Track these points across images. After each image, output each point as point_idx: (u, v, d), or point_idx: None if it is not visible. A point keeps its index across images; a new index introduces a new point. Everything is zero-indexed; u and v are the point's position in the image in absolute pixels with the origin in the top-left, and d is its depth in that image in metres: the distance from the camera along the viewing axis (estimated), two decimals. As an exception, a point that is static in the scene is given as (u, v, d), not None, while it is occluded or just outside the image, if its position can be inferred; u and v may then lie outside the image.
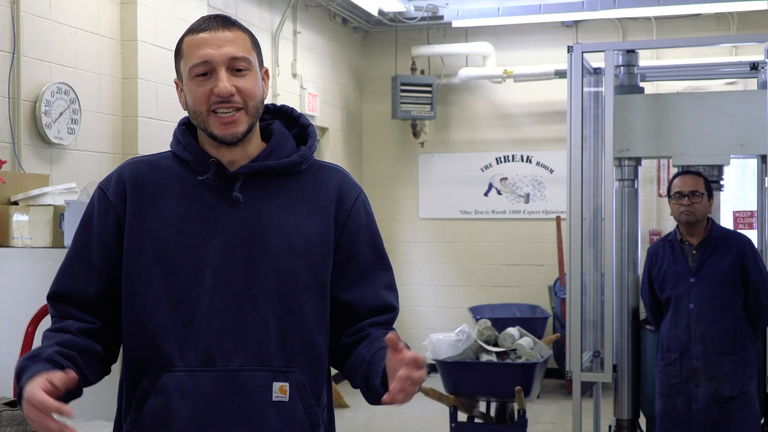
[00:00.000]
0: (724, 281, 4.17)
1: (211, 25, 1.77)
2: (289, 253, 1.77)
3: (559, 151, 7.92)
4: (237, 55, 1.75)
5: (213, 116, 1.76)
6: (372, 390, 1.73)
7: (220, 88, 1.73)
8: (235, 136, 1.76)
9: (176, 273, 1.75)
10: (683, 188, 4.22)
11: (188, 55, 1.77)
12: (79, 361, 1.71)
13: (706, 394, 4.12)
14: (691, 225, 4.25)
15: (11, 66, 4.35)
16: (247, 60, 1.77)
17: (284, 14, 6.92)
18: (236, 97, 1.75)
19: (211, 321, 1.74)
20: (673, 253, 4.29)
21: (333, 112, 8.03)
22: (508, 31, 8.24)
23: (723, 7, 7.26)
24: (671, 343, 4.22)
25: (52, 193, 4.04)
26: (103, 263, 1.80)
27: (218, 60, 1.74)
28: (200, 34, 1.76)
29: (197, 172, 1.80)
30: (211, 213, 1.78)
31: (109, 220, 1.81)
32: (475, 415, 5.08)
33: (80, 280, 1.80)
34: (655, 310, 4.38)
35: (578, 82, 4.41)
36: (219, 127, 1.76)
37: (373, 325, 1.84)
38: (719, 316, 4.15)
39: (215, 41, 1.75)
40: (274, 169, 1.81)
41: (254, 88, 1.77)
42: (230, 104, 1.75)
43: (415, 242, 8.63)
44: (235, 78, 1.75)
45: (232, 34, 1.77)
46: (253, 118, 1.79)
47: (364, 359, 1.75)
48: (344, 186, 1.87)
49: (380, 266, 1.88)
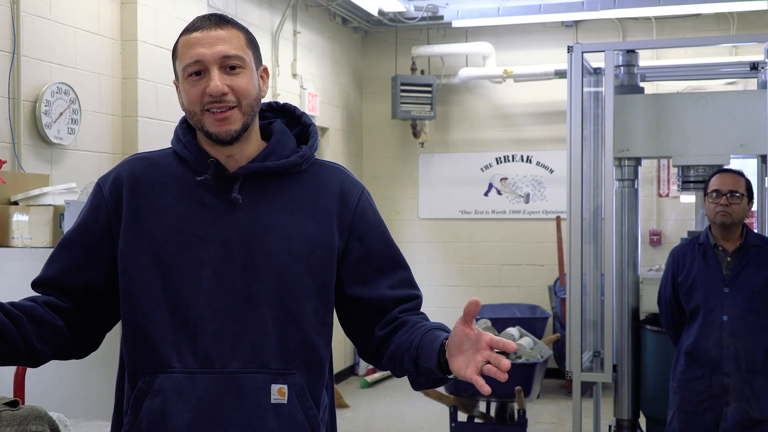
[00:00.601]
0: (761, 293, 3.82)
1: (204, 24, 1.77)
2: (288, 254, 1.76)
3: (559, 151, 7.92)
4: (229, 53, 1.74)
5: (207, 115, 1.75)
6: (424, 373, 1.73)
7: (212, 87, 1.72)
8: (229, 134, 1.75)
9: (174, 273, 1.74)
10: (722, 187, 3.88)
11: (182, 55, 1.76)
12: (23, 323, 1.71)
13: (736, 414, 3.79)
14: (726, 228, 3.88)
15: (11, 66, 4.35)
16: (241, 58, 1.75)
17: (284, 14, 6.92)
18: (229, 95, 1.74)
19: (210, 322, 1.73)
20: (704, 258, 3.93)
21: (333, 112, 8.03)
22: (508, 31, 8.24)
23: (723, 7, 7.26)
24: (699, 356, 3.87)
25: (52, 193, 4.04)
26: (88, 256, 1.80)
27: (210, 59, 1.73)
28: (193, 34, 1.76)
29: (196, 172, 1.80)
30: (210, 214, 1.77)
31: (99, 214, 1.81)
32: (475, 415, 5.08)
33: (62, 269, 1.81)
34: (677, 318, 4.05)
35: (578, 82, 4.41)
36: (213, 124, 1.75)
37: (404, 312, 1.85)
38: (755, 332, 3.80)
39: (207, 40, 1.74)
40: (273, 169, 1.80)
41: (248, 86, 1.76)
42: (223, 103, 1.74)
43: (415, 242, 8.63)
44: (228, 77, 1.74)
45: (225, 32, 1.76)
46: (248, 116, 1.77)
47: (411, 344, 1.74)
48: (346, 185, 1.86)
49: (395, 261, 1.89)
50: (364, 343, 1.88)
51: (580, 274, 4.43)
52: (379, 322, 1.84)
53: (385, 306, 1.84)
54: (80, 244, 1.81)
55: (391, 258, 1.88)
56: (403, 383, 2.19)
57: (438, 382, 1.76)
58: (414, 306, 1.88)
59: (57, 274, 1.82)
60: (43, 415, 2.25)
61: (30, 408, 2.25)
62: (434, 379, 1.73)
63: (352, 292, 1.84)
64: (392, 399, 7.29)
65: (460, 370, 1.61)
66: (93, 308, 1.82)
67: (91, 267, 1.80)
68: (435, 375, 1.70)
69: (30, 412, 2.23)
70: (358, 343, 1.90)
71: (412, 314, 1.85)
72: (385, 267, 1.87)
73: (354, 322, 1.88)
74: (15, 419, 2.20)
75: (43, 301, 1.79)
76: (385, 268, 1.87)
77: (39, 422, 2.22)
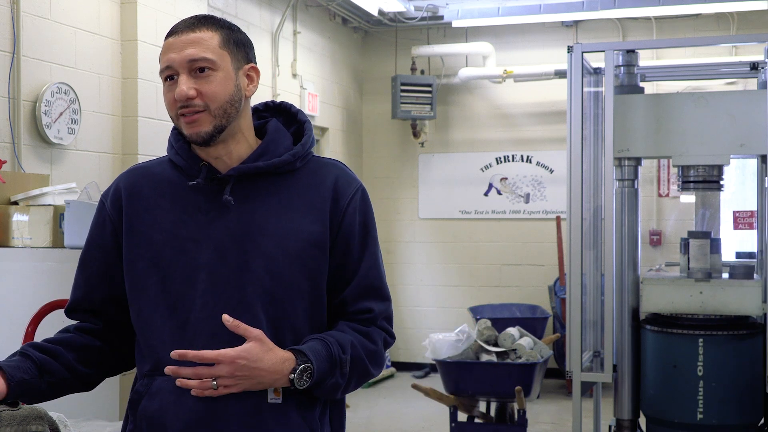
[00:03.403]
0: None
1: (179, 28, 1.77)
2: (282, 254, 1.76)
3: (559, 151, 7.92)
4: (196, 56, 1.73)
5: (181, 118, 1.76)
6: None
7: (177, 92, 1.73)
8: (200, 136, 1.75)
9: (171, 277, 1.77)
10: None
11: (160, 60, 1.79)
12: (61, 353, 1.80)
13: None
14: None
15: (11, 66, 4.35)
16: (209, 60, 1.73)
17: (284, 14, 6.92)
18: (196, 99, 1.73)
19: (206, 324, 1.74)
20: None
21: (333, 112, 8.03)
22: (508, 31, 8.24)
23: (723, 7, 7.26)
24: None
25: (52, 193, 4.04)
26: (104, 270, 1.86)
27: (179, 63, 1.74)
28: (169, 39, 1.77)
29: (189, 177, 1.81)
30: (204, 217, 1.78)
31: (105, 230, 1.86)
32: (475, 415, 5.08)
33: (84, 289, 1.89)
34: None
35: (578, 82, 4.40)
36: (185, 127, 1.76)
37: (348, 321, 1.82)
38: None
39: (179, 44, 1.75)
40: (264, 169, 1.79)
41: (217, 89, 1.74)
42: (190, 107, 1.73)
43: (415, 242, 8.63)
44: (196, 80, 1.73)
45: (198, 34, 1.75)
46: (220, 118, 1.75)
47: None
48: (340, 183, 1.83)
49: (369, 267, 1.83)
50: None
51: (580, 274, 4.42)
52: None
53: (341, 314, 1.83)
54: (94, 262, 1.88)
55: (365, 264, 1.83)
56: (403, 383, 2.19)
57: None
58: (364, 320, 1.83)
59: (82, 295, 1.89)
60: (43, 415, 2.25)
61: (30, 408, 2.25)
62: None
63: (328, 291, 1.83)
64: (392, 399, 7.29)
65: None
66: (124, 320, 1.86)
67: (109, 281, 1.86)
68: None
69: (30, 412, 2.23)
70: None
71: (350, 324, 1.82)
72: (356, 270, 1.82)
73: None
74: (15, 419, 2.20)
75: (75, 328, 1.89)
76: (356, 271, 1.82)
77: (39, 422, 2.21)
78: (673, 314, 4.39)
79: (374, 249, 1.86)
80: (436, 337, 4.98)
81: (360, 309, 1.82)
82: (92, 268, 1.87)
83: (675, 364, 4.31)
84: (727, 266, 4.52)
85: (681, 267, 4.55)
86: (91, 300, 1.87)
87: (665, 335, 4.32)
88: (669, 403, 4.34)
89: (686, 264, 4.47)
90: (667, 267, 5.64)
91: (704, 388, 4.25)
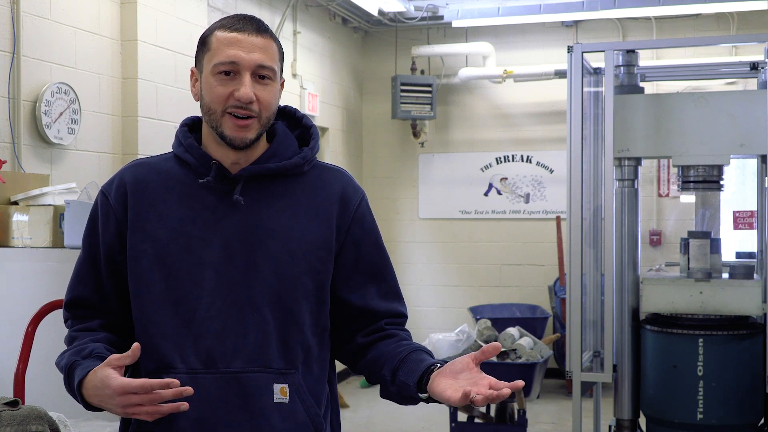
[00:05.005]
0: None
1: (245, 27, 1.77)
2: (289, 256, 1.77)
3: (559, 151, 7.92)
4: (265, 63, 1.75)
5: (228, 117, 1.75)
6: (398, 385, 1.75)
7: (242, 93, 1.73)
8: (244, 141, 1.76)
9: (176, 275, 1.76)
10: None
11: (216, 51, 1.76)
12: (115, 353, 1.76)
13: None
14: None
15: (11, 66, 4.36)
16: (272, 70, 1.77)
17: (284, 14, 6.92)
18: (254, 105, 1.74)
19: (212, 323, 1.75)
20: None
21: (333, 112, 8.03)
22: (508, 31, 8.24)
23: (723, 7, 7.26)
24: None
25: (52, 193, 4.04)
26: (110, 264, 1.83)
27: (246, 64, 1.74)
28: (233, 33, 1.76)
29: (198, 174, 1.81)
30: (212, 215, 1.78)
31: (110, 223, 1.82)
32: (475, 415, 5.08)
33: (92, 283, 1.85)
34: None
35: (578, 82, 4.41)
36: (232, 128, 1.75)
37: (391, 325, 1.88)
38: None
39: (247, 44, 1.75)
40: (274, 171, 1.81)
41: (272, 99, 1.77)
42: (246, 111, 1.74)
43: (415, 242, 8.63)
44: (257, 86, 1.75)
45: (264, 41, 1.77)
46: (264, 127, 1.79)
47: (396, 355, 1.78)
48: (347, 189, 1.87)
49: (386, 270, 1.91)
50: (338, 344, 1.90)
51: (580, 274, 4.42)
52: (362, 330, 1.87)
53: (372, 315, 1.87)
54: (101, 257, 1.84)
55: (382, 266, 1.90)
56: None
57: (407, 399, 1.77)
58: (401, 323, 1.91)
59: (88, 290, 1.85)
60: (43, 415, 2.25)
61: (30, 408, 2.25)
62: (405, 395, 1.75)
63: (342, 295, 1.86)
64: (392, 399, 7.28)
65: (444, 391, 1.61)
66: (123, 317, 1.85)
67: (114, 274, 1.83)
68: (408, 392, 1.72)
69: (30, 412, 2.23)
70: (332, 341, 1.91)
71: (398, 329, 1.88)
72: (376, 275, 1.88)
73: (335, 322, 1.88)
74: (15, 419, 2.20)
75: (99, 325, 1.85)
76: (376, 275, 1.88)
77: (39, 422, 2.22)
78: (673, 314, 4.40)
79: (387, 254, 1.93)
80: (436, 337, 4.98)
81: (393, 313, 1.89)
82: (101, 262, 1.83)
83: (675, 364, 4.31)
84: (727, 266, 4.53)
85: (681, 267, 4.55)
86: (100, 293, 1.84)
87: (665, 335, 4.32)
88: (669, 403, 4.35)
89: (686, 264, 4.47)
90: (667, 267, 5.64)
91: (704, 388, 4.25)
